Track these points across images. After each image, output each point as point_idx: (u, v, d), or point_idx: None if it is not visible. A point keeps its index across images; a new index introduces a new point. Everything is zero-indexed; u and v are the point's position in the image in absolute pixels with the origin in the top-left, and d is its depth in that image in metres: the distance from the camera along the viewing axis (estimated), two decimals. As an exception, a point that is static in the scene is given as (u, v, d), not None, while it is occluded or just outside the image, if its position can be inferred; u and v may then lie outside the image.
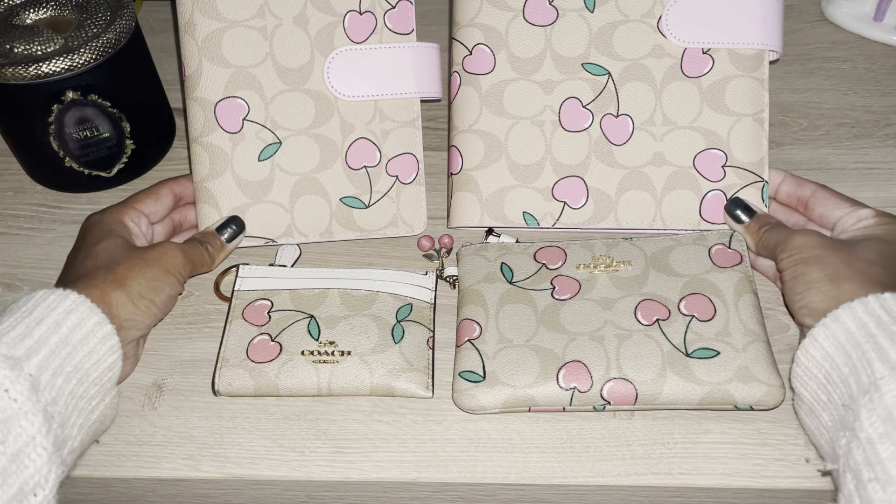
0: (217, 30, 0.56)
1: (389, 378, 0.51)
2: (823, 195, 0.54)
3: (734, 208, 0.56)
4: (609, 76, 0.58)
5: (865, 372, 0.41)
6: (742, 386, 0.48)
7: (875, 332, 0.42)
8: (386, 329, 0.53)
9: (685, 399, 0.48)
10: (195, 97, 0.57)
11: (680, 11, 0.57)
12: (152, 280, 0.50)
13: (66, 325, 0.44)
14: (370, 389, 0.51)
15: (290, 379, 0.51)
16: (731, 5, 0.57)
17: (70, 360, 0.43)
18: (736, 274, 0.53)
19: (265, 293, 0.55)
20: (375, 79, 0.57)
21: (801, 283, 0.48)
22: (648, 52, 0.57)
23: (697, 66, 0.57)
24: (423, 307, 0.55)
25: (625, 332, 0.50)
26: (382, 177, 0.58)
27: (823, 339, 0.44)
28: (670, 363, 0.49)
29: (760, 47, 0.57)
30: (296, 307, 0.54)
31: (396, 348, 0.52)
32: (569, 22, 0.58)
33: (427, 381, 0.51)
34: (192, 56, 0.57)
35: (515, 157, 0.58)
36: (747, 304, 0.51)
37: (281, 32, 0.56)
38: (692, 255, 0.54)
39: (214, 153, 0.57)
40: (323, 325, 0.53)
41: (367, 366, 0.51)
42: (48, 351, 0.42)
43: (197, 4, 0.56)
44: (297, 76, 0.57)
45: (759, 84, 0.57)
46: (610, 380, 0.48)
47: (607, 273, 0.54)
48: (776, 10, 0.58)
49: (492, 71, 0.58)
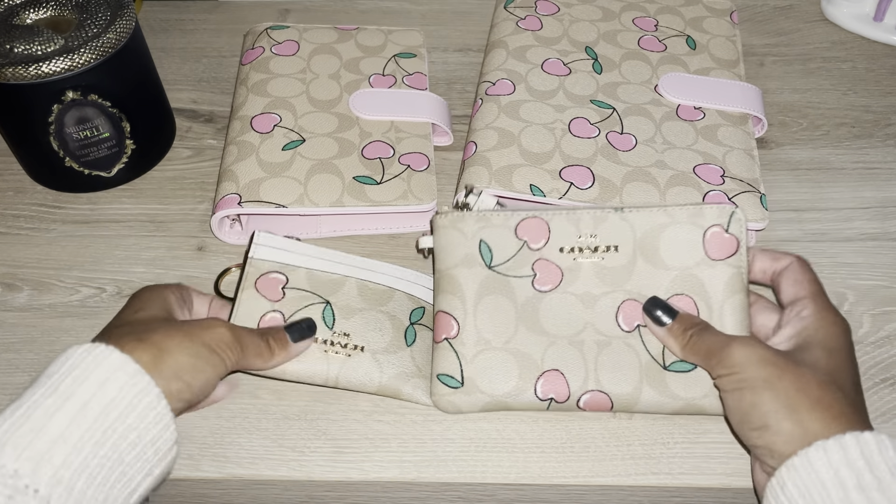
0: (265, 78, 0.66)
1: (398, 381, 0.50)
2: (790, 272, 0.48)
3: (654, 308, 0.48)
4: (614, 110, 0.63)
5: None
6: (716, 402, 0.47)
7: (855, 499, 0.37)
8: (400, 330, 0.52)
9: (659, 410, 0.48)
10: (237, 117, 0.64)
11: (671, 83, 0.65)
12: (192, 357, 0.42)
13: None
14: (377, 388, 0.50)
15: (300, 364, 0.49)
16: (715, 84, 0.65)
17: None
18: (728, 269, 0.48)
19: (281, 266, 0.52)
20: (392, 107, 0.65)
21: (755, 417, 0.41)
22: (648, 102, 0.64)
23: (691, 115, 0.63)
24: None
25: (604, 339, 0.49)
26: (395, 165, 0.61)
27: (793, 488, 0.39)
28: (647, 376, 0.48)
29: (744, 111, 0.63)
30: (312, 289, 0.52)
31: (408, 351, 0.52)
32: (580, 76, 0.66)
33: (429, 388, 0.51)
34: (241, 95, 0.65)
35: (526, 146, 0.60)
36: (734, 309, 0.48)
37: (317, 81, 0.66)
38: (685, 238, 0.49)
39: (243, 146, 0.61)
40: (338, 314, 0.51)
41: (378, 365, 0.50)
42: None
43: (254, 66, 0.67)
44: (325, 105, 0.65)
45: (747, 134, 0.62)
46: (587, 392, 0.48)
47: (591, 262, 0.50)
48: (754, 91, 0.65)
49: (511, 94, 0.64)
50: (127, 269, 0.60)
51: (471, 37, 0.77)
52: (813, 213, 0.62)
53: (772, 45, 0.76)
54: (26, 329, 0.56)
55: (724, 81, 0.65)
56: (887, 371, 0.53)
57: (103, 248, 0.61)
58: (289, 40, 0.69)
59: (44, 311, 0.57)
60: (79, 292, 0.58)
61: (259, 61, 0.67)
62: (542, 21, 0.70)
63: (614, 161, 0.59)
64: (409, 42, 0.71)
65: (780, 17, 0.79)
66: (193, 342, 0.43)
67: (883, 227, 0.61)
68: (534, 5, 0.71)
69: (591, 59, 0.67)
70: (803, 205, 0.63)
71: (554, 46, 0.68)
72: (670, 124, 0.62)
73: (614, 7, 0.72)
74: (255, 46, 0.69)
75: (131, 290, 0.58)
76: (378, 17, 0.79)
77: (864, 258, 0.59)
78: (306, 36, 0.70)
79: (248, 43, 0.70)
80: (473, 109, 0.65)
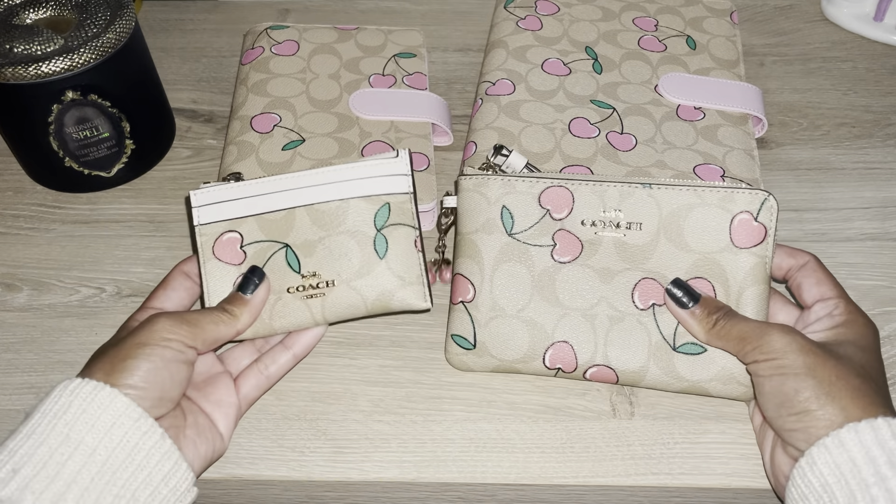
0: (265, 78, 0.66)
1: (383, 300, 0.49)
2: (810, 271, 0.49)
3: (676, 290, 0.48)
4: (614, 110, 0.63)
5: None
6: (721, 385, 0.48)
7: (887, 474, 0.38)
8: (367, 244, 0.49)
9: (664, 388, 0.49)
10: (237, 117, 0.63)
11: (671, 83, 0.65)
12: (124, 360, 0.43)
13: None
14: (366, 312, 0.50)
15: (284, 318, 0.49)
16: (715, 84, 0.65)
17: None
18: (752, 258, 0.48)
19: (229, 224, 0.50)
20: (392, 108, 0.65)
21: (797, 402, 0.42)
22: (648, 102, 0.64)
23: (691, 115, 0.63)
24: (403, 201, 0.50)
25: (618, 315, 0.49)
26: None
27: (823, 466, 0.40)
28: (656, 356, 0.48)
29: (744, 111, 0.63)
30: (267, 236, 0.50)
31: (383, 264, 0.49)
32: (580, 76, 0.65)
33: (423, 291, 0.50)
34: (241, 95, 0.65)
35: (527, 146, 0.60)
36: (752, 299, 0.48)
37: (317, 81, 0.66)
38: (712, 223, 0.48)
39: (243, 146, 0.61)
40: (301, 254, 0.49)
41: (356, 292, 0.49)
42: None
43: (253, 66, 0.67)
44: (325, 104, 0.64)
45: (747, 134, 0.62)
46: (594, 365, 0.49)
47: (613, 236, 0.50)
48: (755, 91, 0.65)
49: (511, 94, 0.64)
50: (126, 269, 0.60)
51: (471, 37, 0.77)
52: (813, 213, 0.62)
53: (772, 45, 0.76)
54: (26, 329, 0.56)
55: (725, 81, 0.65)
56: (887, 371, 0.53)
57: (103, 248, 0.61)
58: (289, 40, 0.69)
59: (43, 312, 0.57)
60: (78, 292, 0.58)
61: (259, 61, 0.67)
62: (542, 21, 0.70)
63: (614, 161, 0.59)
64: (409, 42, 0.71)
65: (780, 17, 0.79)
66: (122, 348, 0.43)
67: (883, 227, 0.61)
68: (534, 5, 0.71)
69: (591, 59, 0.67)
70: (803, 205, 0.63)
71: (554, 46, 0.68)
72: (670, 124, 0.62)
73: (614, 7, 0.72)
74: (255, 46, 0.69)
75: (131, 290, 0.58)
76: (378, 17, 0.79)
77: (865, 258, 0.59)
78: (306, 36, 0.70)
79: (247, 43, 0.70)
80: (473, 109, 0.65)
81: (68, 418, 0.40)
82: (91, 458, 0.40)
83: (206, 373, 0.49)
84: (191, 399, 0.47)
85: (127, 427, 0.41)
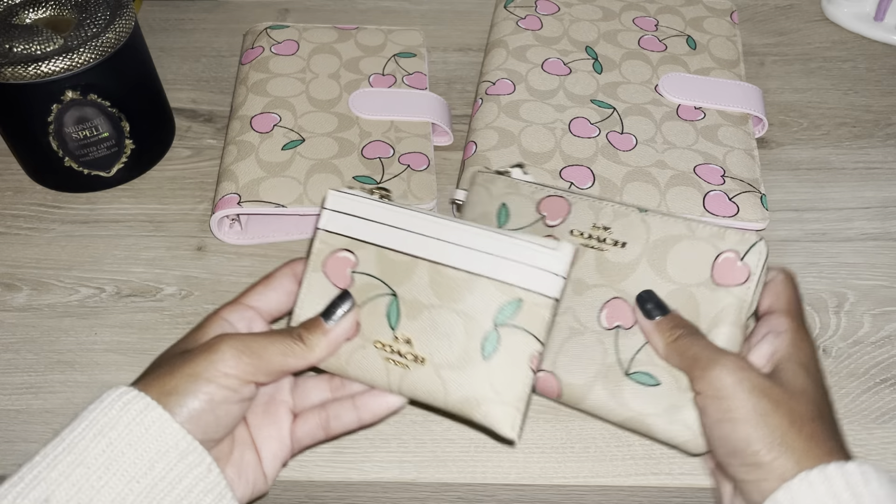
0: (265, 78, 0.66)
1: (465, 406, 0.42)
2: (772, 284, 0.46)
3: (647, 300, 0.45)
4: (614, 110, 0.63)
5: None
6: (666, 424, 0.44)
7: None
8: (475, 336, 0.42)
9: (604, 416, 0.46)
10: (237, 117, 0.64)
11: (671, 83, 0.65)
12: (175, 391, 0.39)
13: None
14: (444, 407, 0.43)
15: (360, 370, 0.44)
16: (715, 84, 0.65)
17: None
18: (728, 297, 0.45)
19: (350, 242, 0.45)
20: (392, 107, 0.65)
21: (748, 454, 0.39)
22: (648, 101, 0.64)
23: (691, 115, 0.63)
24: (540, 305, 0.42)
25: (579, 328, 0.47)
26: (395, 164, 0.61)
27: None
28: (605, 376, 0.45)
29: (745, 111, 0.63)
30: (380, 275, 0.44)
31: (483, 367, 0.42)
32: (580, 76, 0.66)
33: (516, 418, 0.42)
34: (241, 95, 0.65)
35: (527, 146, 0.60)
36: (721, 340, 0.44)
37: (316, 81, 0.66)
38: (697, 257, 0.46)
39: (243, 146, 0.61)
40: (404, 311, 0.43)
41: (441, 383, 0.42)
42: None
43: (253, 66, 0.67)
44: (325, 104, 0.65)
45: (747, 134, 0.62)
46: (542, 370, 0.47)
47: (595, 251, 0.48)
48: (755, 91, 0.65)
49: (511, 93, 0.64)
50: (126, 269, 0.60)
51: (471, 37, 0.77)
52: (813, 213, 0.62)
53: (772, 45, 0.76)
54: (26, 329, 0.56)
55: (725, 81, 0.65)
56: (887, 371, 0.53)
57: (102, 248, 0.61)
58: (288, 40, 0.69)
59: (43, 311, 0.57)
60: (78, 292, 0.58)
61: (259, 61, 0.67)
62: (543, 21, 0.70)
63: (614, 161, 0.59)
64: (408, 42, 0.71)
65: (781, 17, 0.79)
66: (193, 381, 0.40)
67: (883, 227, 0.61)
68: (534, 5, 0.71)
69: (592, 58, 0.67)
70: (804, 205, 0.63)
71: (554, 46, 0.68)
72: (670, 124, 0.62)
73: (614, 7, 0.72)
74: (255, 46, 0.69)
75: (131, 290, 0.58)
76: (378, 16, 0.79)
77: (865, 258, 0.59)
78: (306, 35, 0.70)
79: (247, 42, 0.70)
80: (473, 109, 0.65)
81: (112, 437, 0.38)
82: (129, 487, 0.37)
83: (270, 395, 0.45)
84: (247, 424, 0.44)
85: (173, 460, 0.38)
